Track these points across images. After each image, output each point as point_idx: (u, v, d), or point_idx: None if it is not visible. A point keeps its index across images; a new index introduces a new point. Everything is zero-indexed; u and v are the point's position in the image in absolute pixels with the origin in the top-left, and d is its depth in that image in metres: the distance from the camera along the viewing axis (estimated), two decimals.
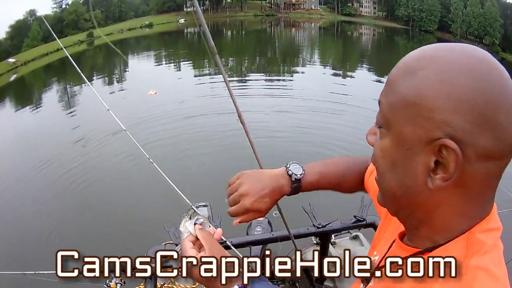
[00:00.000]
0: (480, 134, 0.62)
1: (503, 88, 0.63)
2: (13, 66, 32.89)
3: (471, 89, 0.62)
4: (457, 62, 0.64)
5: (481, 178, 0.66)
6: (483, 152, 0.63)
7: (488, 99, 0.62)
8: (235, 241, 1.82)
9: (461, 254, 0.68)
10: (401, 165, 0.70)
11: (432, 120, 0.64)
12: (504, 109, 0.62)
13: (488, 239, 0.69)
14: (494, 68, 0.65)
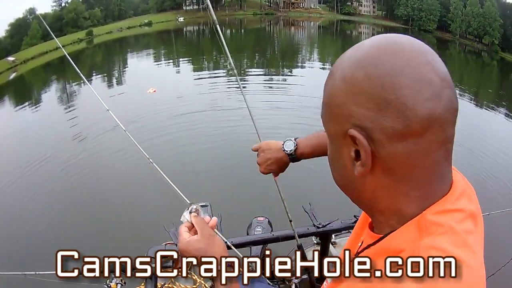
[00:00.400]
0: (384, 117, 0.65)
1: (401, 68, 0.65)
2: (13, 64, 32.81)
3: (364, 80, 0.66)
4: (354, 57, 0.70)
5: (404, 158, 0.68)
6: (393, 133, 0.66)
7: (384, 83, 0.65)
8: (235, 241, 1.82)
9: (414, 236, 0.70)
10: (336, 159, 0.77)
11: (341, 115, 0.70)
12: (406, 87, 0.65)
13: (445, 220, 0.70)
14: (391, 51, 0.67)
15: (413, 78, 0.65)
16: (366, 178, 0.72)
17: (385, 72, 0.66)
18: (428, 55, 0.68)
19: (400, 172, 0.70)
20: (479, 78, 29.73)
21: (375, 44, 0.70)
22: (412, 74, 0.65)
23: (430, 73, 0.66)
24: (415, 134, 0.66)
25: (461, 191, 0.75)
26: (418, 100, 0.65)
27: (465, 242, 0.69)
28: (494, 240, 6.04)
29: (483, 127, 13.72)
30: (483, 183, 8.39)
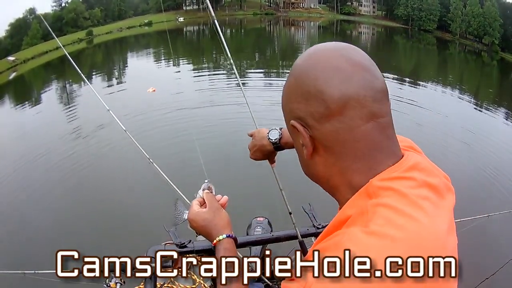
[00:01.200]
0: (309, 105, 0.82)
1: (314, 64, 0.83)
2: (13, 64, 32.77)
3: (293, 82, 0.86)
4: (294, 64, 0.88)
5: (334, 134, 0.81)
6: (319, 116, 0.81)
7: (304, 80, 0.83)
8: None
9: (363, 201, 0.79)
10: (297, 150, 0.94)
11: (286, 112, 0.90)
12: (318, 78, 0.81)
13: (393, 184, 0.79)
14: (308, 56, 0.86)
15: (323, 70, 0.81)
16: (315, 159, 0.87)
17: (303, 71, 0.84)
18: (342, 50, 0.84)
19: (337, 149, 0.83)
20: (479, 78, 29.70)
21: (305, 53, 0.88)
22: (322, 67, 0.81)
23: (340, 62, 0.81)
24: (336, 113, 0.80)
25: (412, 164, 0.84)
26: (330, 85, 0.80)
27: (416, 202, 0.77)
28: (494, 241, 6.05)
29: (483, 127, 13.69)
30: (482, 184, 8.40)
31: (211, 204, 1.36)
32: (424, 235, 0.73)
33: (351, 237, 0.72)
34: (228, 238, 1.26)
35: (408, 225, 0.72)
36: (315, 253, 0.77)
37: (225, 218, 1.34)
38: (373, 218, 0.73)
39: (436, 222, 0.76)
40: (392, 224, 0.72)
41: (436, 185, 0.84)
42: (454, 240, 0.82)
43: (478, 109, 16.83)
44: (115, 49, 43.87)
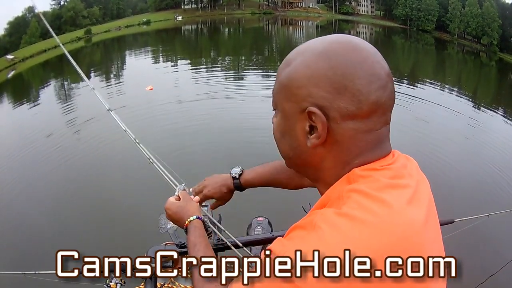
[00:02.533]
0: (341, 99, 0.81)
1: (358, 63, 0.82)
2: (11, 62, 32.76)
3: (326, 68, 0.82)
4: (318, 50, 0.85)
5: (350, 133, 0.83)
6: (346, 113, 0.82)
7: (344, 72, 0.81)
8: (235, 241, 1.81)
9: (342, 187, 0.84)
10: (288, 133, 0.91)
11: (300, 95, 0.85)
12: (361, 78, 0.81)
13: (372, 173, 0.83)
14: (351, 48, 0.84)
15: (367, 72, 0.82)
16: (317, 149, 0.87)
17: (346, 64, 0.82)
18: (377, 56, 0.86)
19: (346, 144, 0.85)
20: (478, 79, 29.75)
21: (338, 41, 0.86)
22: (367, 69, 0.82)
23: (380, 70, 0.83)
24: (364, 115, 0.82)
25: (396, 157, 0.90)
26: (370, 89, 0.81)
27: (391, 190, 0.80)
28: (494, 241, 6.06)
29: (482, 127, 13.71)
30: (482, 183, 8.41)
31: (184, 197, 1.55)
32: (395, 221, 0.74)
33: (324, 217, 0.77)
34: (197, 219, 1.45)
35: (379, 210, 0.74)
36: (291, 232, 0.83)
37: (195, 206, 1.52)
38: (347, 202, 0.77)
39: (411, 210, 0.78)
40: (363, 208, 0.75)
41: (416, 178, 0.89)
42: (434, 235, 0.83)
43: (477, 109, 16.85)
44: (113, 47, 43.85)
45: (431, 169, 1.83)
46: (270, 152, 1.74)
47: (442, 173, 7.81)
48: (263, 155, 7.66)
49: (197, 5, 67.58)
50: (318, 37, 0.91)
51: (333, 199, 0.83)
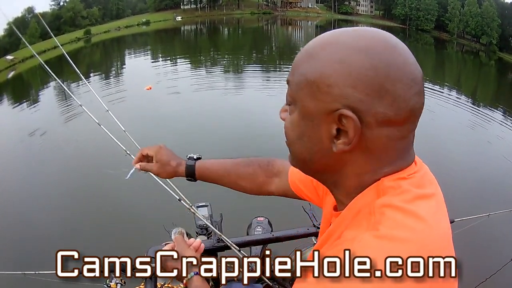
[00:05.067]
0: (379, 103, 0.72)
1: (401, 64, 0.73)
2: (11, 63, 32.75)
3: (368, 67, 0.72)
4: (354, 44, 0.74)
5: (383, 141, 0.76)
6: (383, 119, 0.73)
7: (387, 73, 0.72)
8: (235, 241, 1.81)
9: (371, 198, 0.76)
10: (308, 135, 0.80)
11: (331, 94, 0.74)
12: (402, 82, 0.73)
13: (402, 184, 0.76)
14: (392, 47, 0.75)
15: (409, 75, 0.73)
16: (342, 155, 0.78)
17: (389, 64, 0.72)
18: (413, 57, 0.76)
19: (377, 152, 0.77)
20: (477, 78, 29.77)
21: (375, 37, 0.75)
22: (408, 71, 0.73)
23: (417, 73, 0.75)
24: (400, 122, 0.75)
25: (418, 168, 0.82)
26: (410, 94, 0.73)
27: (423, 202, 0.75)
28: (494, 240, 6.05)
29: (482, 126, 13.72)
30: (482, 183, 8.41)
31: (179, 243, 1.39)
32: (432, 235, 0.72)
33: (363, 244, 0.70)
34: (196, 275, 1.25)
35: (416, 226, 0.71)
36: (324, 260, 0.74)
37: (192, 256, 1.31)
38: (382, 220, 0.71)
39: (441, 222, 0.76)
40: (401, 226, 0.70)
41: (436, 184, 0.84)
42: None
43: (476, 109, 16.86)
44: (113, 48, 43.85)
45: (430, 169, 1.86)
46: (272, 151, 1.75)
47: (441, 173, 7.78)
48: (266, 152, 7.66)
49: (197, 6, 67.62)
50: (341, 28, 0.80)
51: (363, 214, 0.75)
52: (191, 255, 1.30)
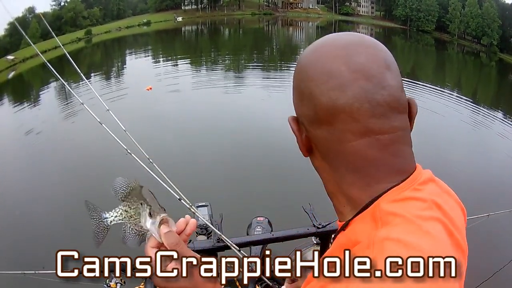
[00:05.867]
0: (303, 106, 0.77)
1: (313, 63, 0.75)
2: (12, 63, 32.77)
3: (295, 75, 0.79)
4: (300, 56, 0.81)
5: (324, 142, 0.77)
6: (310, 119, 0.77)
7: (301, 79, 0.77)
8: (235, 241, 1.82)
9: (370, 227, 0.73)
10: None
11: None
12: (312, 79, 0.74)
13: (401, 209, 0.72)
14: (312, 49, 0.78)
15: (320, 71, 0.74)
16: (313, 160, 0.83)
17: (302, 67, 0.78)
18: (349, 48, 0.74)
19: (330, 156, 0.78)
20: (478, 79, 29.74)
21: (308, 47, 0.80)
22: (320, 67, 0.74)
23: (340, 66, 0.72)
24: (325, 122, 0.74)
25: (423, 180, 0.78)
26: (322, 90, 0.73)
27: (424, 231, 0.71)
28: (494, 240, 6.06)
29: (482, 127, 13.71)
30: (483, 183, 8.40)
31: (183, 254, 0.93)
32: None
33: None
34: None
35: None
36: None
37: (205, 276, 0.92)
38: (381, 254, 0.67)
39: (444, 246, 0.73)
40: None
41: (444, 206, 0.78)
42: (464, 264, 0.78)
43: (477, 110, 16.86)
44: (113, 48, 43.85)
45: (430, 169, 1.85)
46: (272, 151, 1.77)
47: (441, 173, 7.78)
48: (268, 151, 7.60)
49: (197, 6, 67.53)
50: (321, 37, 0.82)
51: (362, 247, 0.71)
52: (191, 255, 0.94)
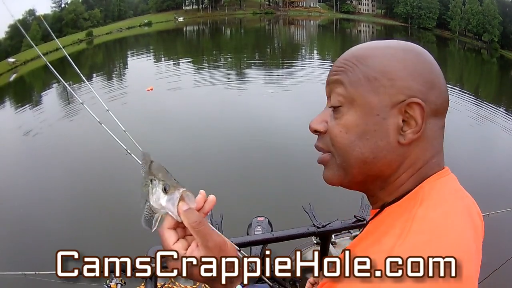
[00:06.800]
0: (432, 93, 0.80)
1: (433, 62, 0.84)
2: (13, 65, 32.85)
3: (418, 64, 0.81)
4: (402, 46, 0.84)
5: (435, 130, 0.83)
6: (434, 108, 0.81)
7: (430, 69, 0.82)
8: (235, 241, 1.81)
9: (407, 206, 0.78)
10: (372, 131, 0.81)
11: (394, 87, 0.80)
12: (441, 77, 0.83)
13: (442, 191, 0.81)
14: (423, 50, 0.85)
15: (441, 73, 0.84)
16: (405, 147, 0.81)
17: (431, 62, 0.84)
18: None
19: (429, 143, 0.83)
20: (479, 76, 29.70)
21: (410, 43, 0.85)
22: (440, 70, 0.84)
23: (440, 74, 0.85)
24: (442, 113, 0.84)
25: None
26: (446, 88, 0.84)
27: (457, 214, 0.78)
28: (494, 240, 6.06)
29: (483, 125, 13.69)
30: (483, 182, 8.38)
31: (208, 241, 0.82)
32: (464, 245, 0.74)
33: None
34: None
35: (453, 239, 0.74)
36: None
37: (233, 254, 0.86)
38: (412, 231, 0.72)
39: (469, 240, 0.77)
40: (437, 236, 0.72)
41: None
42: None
43: (478, 107, 16.81)
44: (115, 49, 43.90)
45: None
46: (273, 150, 1.76)
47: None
48: (268, 151, 7.58)
49: (198, 6, 67.60)
50: (365, 42, 0.88)
51: (402, 222, 0.75)
52: (217, 238, 0.81)
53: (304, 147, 9.61)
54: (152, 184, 0.89)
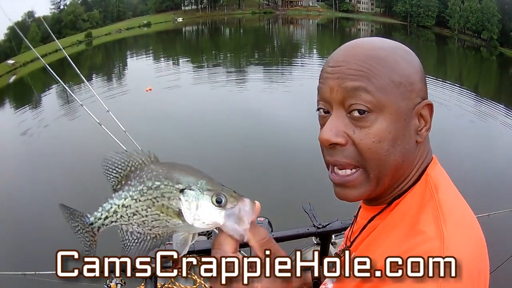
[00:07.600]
0: (425, 89, 0.86)
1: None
2: (12, 67, 32.85)
3: (418, 65, 0.87)
4: (402, 47, 0.87)
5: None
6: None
7: (421, 67, 0.87)
8: None
9: (425, 194, 0.83)
10: (402, 136, 0.82)
11: (414, 91, 0.83)
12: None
13: (441, 177, 0.88)
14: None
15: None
16: (421, 144, 0.87)
17: (418, 60, 0.88)
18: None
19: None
20: (479, 73, 29.70)
21: (398, 43, 0.88)
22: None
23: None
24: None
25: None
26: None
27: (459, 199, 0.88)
28: (494, 240, 6.07)
29: (483, 124, 13.70)
30: (483, 182, 8.39)
31: (275, 255, 0.73)
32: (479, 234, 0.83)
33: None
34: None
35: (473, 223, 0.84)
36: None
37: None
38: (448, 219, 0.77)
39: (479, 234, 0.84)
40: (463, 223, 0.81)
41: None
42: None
43: (478, 105, 16.81)
44: (114, 50, 43.91)
45: None
46: (273, 149, 1.75)
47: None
48: (268, 151, 7.63)
49: (197, 6, 67.56)
50: (362, 38, 0.95)
51: (428, 209, 0.81)
52: (282, 254, 0.71)
53: (304, 147, 9.64)
54: (186, 196, 0.69)
